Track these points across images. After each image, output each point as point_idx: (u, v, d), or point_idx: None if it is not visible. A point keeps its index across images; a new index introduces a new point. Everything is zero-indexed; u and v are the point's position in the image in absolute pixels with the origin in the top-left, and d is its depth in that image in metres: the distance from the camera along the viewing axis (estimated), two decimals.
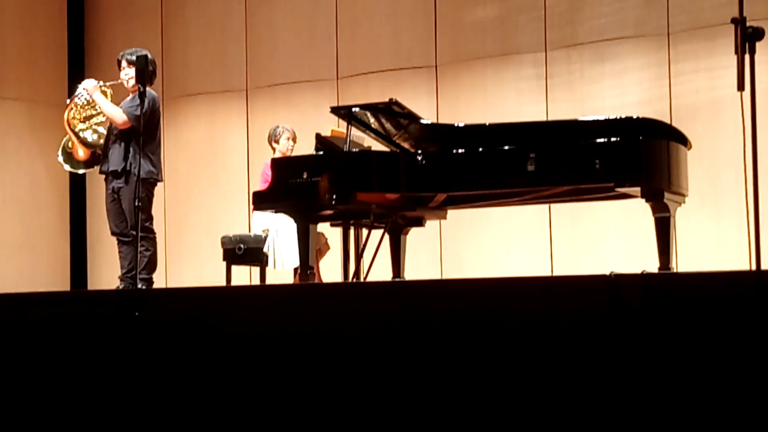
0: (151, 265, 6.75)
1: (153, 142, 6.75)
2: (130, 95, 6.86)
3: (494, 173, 5.65)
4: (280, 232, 7.17)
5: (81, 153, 6.91)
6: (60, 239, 10.11)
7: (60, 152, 6.95)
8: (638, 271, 3.83)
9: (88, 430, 4.65)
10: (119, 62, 6.89)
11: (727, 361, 3.47)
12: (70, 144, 6.91)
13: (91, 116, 6.93)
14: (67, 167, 7.02)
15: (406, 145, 6.07)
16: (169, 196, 9.59)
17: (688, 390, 3.53)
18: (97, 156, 6.91)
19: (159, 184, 6.90)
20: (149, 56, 6.73)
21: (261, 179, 7.40)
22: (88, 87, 6.86)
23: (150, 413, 4.53)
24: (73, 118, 6.91)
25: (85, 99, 6.89)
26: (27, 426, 4.79)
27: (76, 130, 6.89)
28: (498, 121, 6.24)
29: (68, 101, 7.00)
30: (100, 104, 6.79)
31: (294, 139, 7.51)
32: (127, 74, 6.84)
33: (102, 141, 6.88)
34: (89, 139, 6.92)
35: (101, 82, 6.91)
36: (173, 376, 4.53)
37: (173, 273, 9.55)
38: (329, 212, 6.02)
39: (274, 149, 7.50)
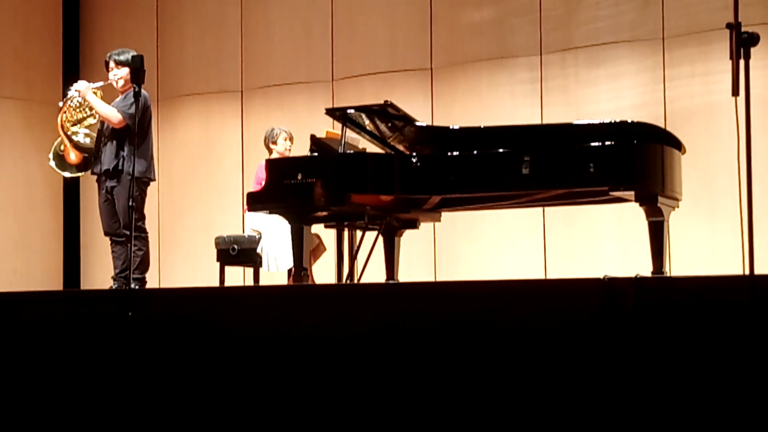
0: (144, 264, 6.74)
1: (145, 142, 6.74)
2: (120, 96, 6.85)
3: (489, 176, 5.65)
4: (271, 234, 7.16)
5: (73, 156, 6.88)
6: (54, 238, 10.09)
7: (51, 155, 6.91)
8: (632, 274, 3.83)
9: (82, 429, 4.65)
10: (107, 63, 6.88)
11: (720, 364, 3.48)
12: (62, 147, 6.89)
13: (84, 119, 6.91)
14: (59, 171, 6.97)
15: (400, 148, 6.07)
16: (163, 196, 9.58)
17: (681, 393, 3.53)
18: (89, 160, 6.89)
19: (152, 183, 6.89)
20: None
21: (254, 182, 7.39)
22: (81, 88, 6.84)
23: (143, 413, 4.52)
24: (67, 120, 6.90)
25: (78, 101, 6.88)
26: (20, 424, 4.79)
27: (69, 133, 6.88)
28: (493, 124, 6.24)
29: (61, 104, 6.98)
30: (94, 105, 6.78)
31: (291, 140, 7.51)
32: (116, 75, 6.82)
33: (94, 144, 6.87)
34: (81, 142, 6.90)
35: (93, 84, 6.89)
36: (166, 376, 4.53)
37: (167, 273, 9.54)
38: (323, 213, 6.02)
39: (271, 151, 7.48)
